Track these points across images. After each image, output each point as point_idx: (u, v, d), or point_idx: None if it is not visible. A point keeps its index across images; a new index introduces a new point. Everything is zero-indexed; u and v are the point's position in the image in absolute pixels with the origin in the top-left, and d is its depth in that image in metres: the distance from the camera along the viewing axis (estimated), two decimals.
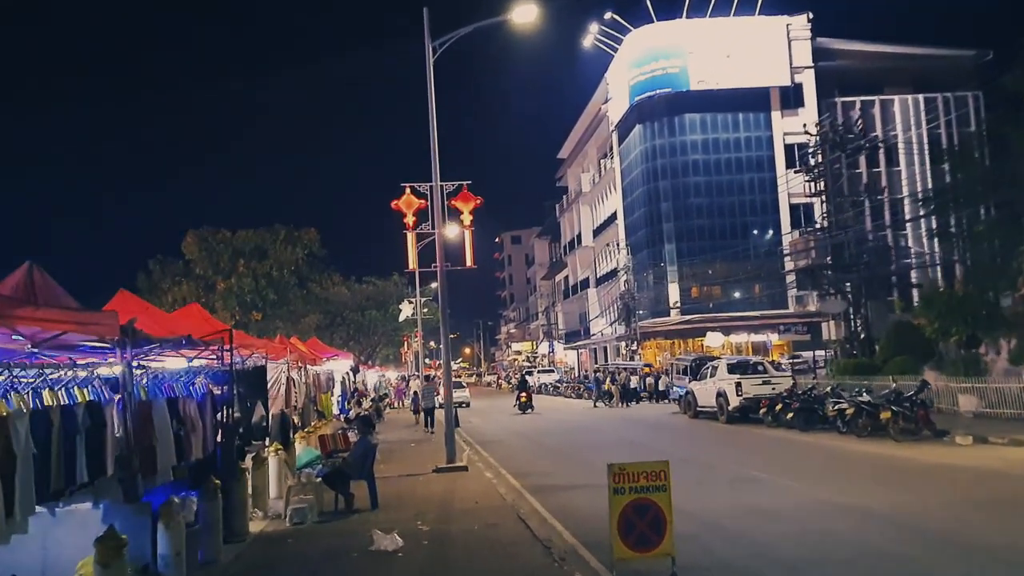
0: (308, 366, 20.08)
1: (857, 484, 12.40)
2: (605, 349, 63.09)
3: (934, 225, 32.54)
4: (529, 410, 33.60)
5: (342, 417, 22.51)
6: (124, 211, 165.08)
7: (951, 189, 28.13)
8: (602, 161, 62.19)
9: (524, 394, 34.66)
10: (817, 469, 14.37)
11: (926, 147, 49.19)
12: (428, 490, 12.72)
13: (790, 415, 21.28)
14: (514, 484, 13.37)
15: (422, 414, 27.27)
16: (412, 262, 15.48)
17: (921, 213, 43.96)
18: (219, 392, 10.39)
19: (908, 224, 46.09)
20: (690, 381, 29.00)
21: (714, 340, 46.02)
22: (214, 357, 10.20)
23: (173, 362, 10.55)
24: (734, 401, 23.96)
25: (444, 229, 15.20)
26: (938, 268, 45.16)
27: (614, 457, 7.76)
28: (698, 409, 26.82)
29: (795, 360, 36.62)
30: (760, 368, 25.81)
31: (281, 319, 50.78)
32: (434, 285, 59.98)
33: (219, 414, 9.79)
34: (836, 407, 19.79)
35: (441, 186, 14.90)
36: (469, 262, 15.38)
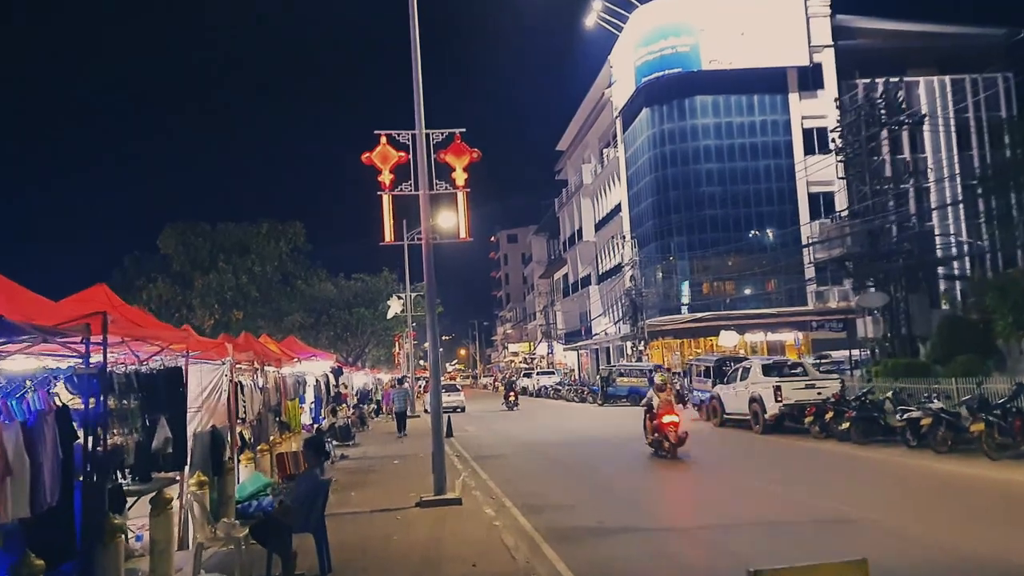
0: (270, 368, 16.73)
1: (1000, 529, 9.02)
2: (608, 349, 59.73)
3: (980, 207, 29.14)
4: (515, 407, 38.02)
5: (314, 428, 19.08)
6: (99, 206, 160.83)
7: (1012, 167, 24.83)
8: (604, 151, 58.77)
9: (512, 394, 39.87)
10: (925, 503, 10.97)
11: (953, 131, 46.06)
12: (406, 539, 9.28)
13: (845, 425, 17.93)
14: (525, 526, 9.96)
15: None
16: (388, 233, 11.95)
17: (957, 196, 41.03)
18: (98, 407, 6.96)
19: (934, 212, 42.92)
20: (714, 384, 25.66)
21: (728, 339, 42.70)
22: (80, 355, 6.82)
23: (22, 363, 7.17)
24: (772, 408, 20.60)
25: (437, 215, 11.80)
26: (966, 258, 42.01)
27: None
28: (725, 416, 23.49)
29: (822, 360, 33.18)
30: (800, 370, 22.46)
31: (264, 318, 47.53)
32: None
33: (80, 441, 6.37)
34: (905, 416, 16.44)
35: (427, 134, 11.48)
36: (463, 233, 11.93)
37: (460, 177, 11.62)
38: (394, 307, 39.33)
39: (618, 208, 54.29)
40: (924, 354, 25.31)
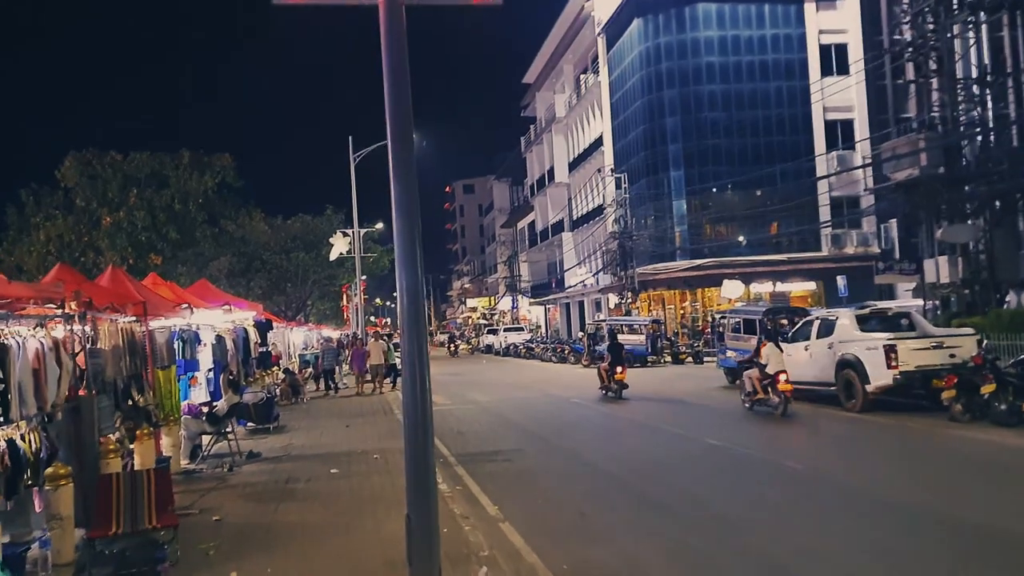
0: (118, 318, 9.86)
1: None
2: (582, 303, 53.50)
3: None
4: (456, 354, 45.99)
5: (204, 412, 12.21)
6: None
7: None
8: (582, 77, 51.68)
9: (452, 345, 53.42)
10: None
11: (986, 51, 40.25)
12: None
13: None
14: None
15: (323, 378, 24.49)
16: None
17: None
18: None
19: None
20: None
21: (732, 290, 36.70)
22: None
23: None
24: (881, 377, 14.31)
25: None
26: None
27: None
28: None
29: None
30: (906, 322, 16.18)
31: (184, 262, 40.18)
32: (379, 226, 48.81)
33: None
34: None
35: None
36: None
37: None
38: (338, 245, 32.01)
39: (599, 142, 47.51)
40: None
